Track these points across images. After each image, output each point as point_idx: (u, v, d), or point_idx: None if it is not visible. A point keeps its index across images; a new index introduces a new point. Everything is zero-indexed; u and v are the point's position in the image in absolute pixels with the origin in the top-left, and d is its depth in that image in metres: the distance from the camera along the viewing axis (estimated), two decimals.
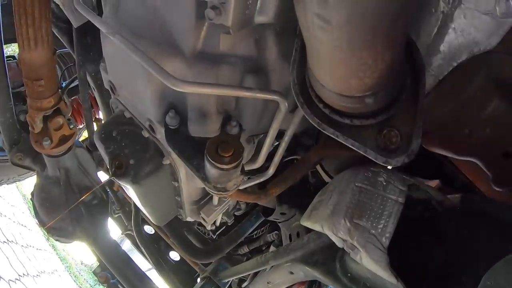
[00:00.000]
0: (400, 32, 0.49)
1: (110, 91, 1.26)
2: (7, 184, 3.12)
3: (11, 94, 1.67)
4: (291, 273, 1.53)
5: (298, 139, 1.56)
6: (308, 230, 1.65)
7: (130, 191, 1.30)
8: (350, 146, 0.66)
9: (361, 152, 0.66)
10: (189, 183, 1.25)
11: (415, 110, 0.68)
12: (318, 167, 1.31)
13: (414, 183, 1.03)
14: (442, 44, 0.96)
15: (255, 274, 2.02)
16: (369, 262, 0.94)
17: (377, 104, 0.61)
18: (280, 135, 1.06)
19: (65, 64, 2.96)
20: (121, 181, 1.19)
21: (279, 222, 1.74)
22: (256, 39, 0.87)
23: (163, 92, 0.96)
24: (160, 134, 1.07)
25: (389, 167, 0.64)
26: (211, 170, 0.83)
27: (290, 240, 1.72)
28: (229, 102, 0.96)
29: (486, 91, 1.08)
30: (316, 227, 1.04)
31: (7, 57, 2.59)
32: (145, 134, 1.17)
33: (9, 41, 2.20)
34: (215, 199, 1.33)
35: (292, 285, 1.96)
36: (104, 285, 2.19)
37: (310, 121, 0.67)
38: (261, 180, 1.13)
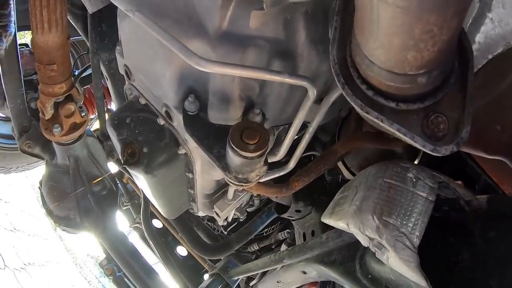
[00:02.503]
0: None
1: (125, 76, 1.21)
2: (16, 172, 3.09)
3: (22, 81, 1.65)
4: (304, 272, 1.48)
5: (315, 135, 1.50)
6: (324, 229, 1.59)
7: (141, 182, 1.25)
8: (395, 132, 0.60)
9: (407, 139, 0.59)
10: (204, 175, 1.19)
11: (463, 95, 0.62)
12: (340, 163, 1.24)
13: (444, 180, 0.97)
14: (478, 34, 0.91)
15: (264, 272, 1.97)
16: (398, 263, 0.88)
17: (429, 85, 0.55)
18: (300, 128, 1.01)
19: (78, 53, 2.92)
20: (133, 170, 1.13)
21: (293, 220, 1.68)
22: (286, 21, 0.81)
23: (182, 74, 0.91)
24: (177, 121, 1.02)
25: (434, 153, 0.57)
26: (233, 159, 0.77)
27: (304, 238, 1.66)
28: (253, 88, 0.90)
29: None
30: (340, 225, 0.97)
31: (20, 44, 2.57)
32: (161, 121, 1.12)
33: (22, 28, 2.17)
34: (230, 193, 1.27)
35: (303, 285, 1.91)
36: (110, 277, 2.15)
37: (352, 103, 0.61)
38: (281, 174, 1.07)
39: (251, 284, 2.07)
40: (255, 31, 0.81)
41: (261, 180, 0.94)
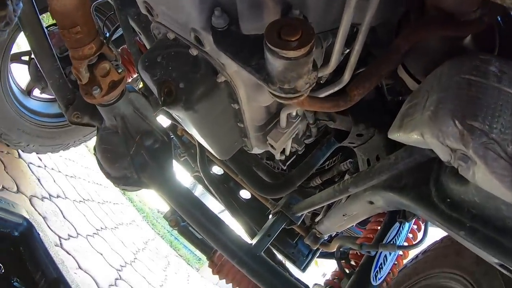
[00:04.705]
0: None
1: (149, 15, 1.11)
2: (74, 146, 3.18)
3: (55, 55, 1.63)
4: (371, 202, 1.36)
5: (369, 51, 1.33)
6: (390, 151, 1.45)
7: (188, 125, 1.17)
8: None
9: None
10: (250, 103, 1.08)
11: None
12: (402, 72, 1.07)
13: None
14: None
15: (329, 207, 1.88)
16: (487, 178, 0.71)
17: None
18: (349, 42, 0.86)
19: (105, 16, 2.86)
20: (173, 111, 1.05)
21: (355, 147, 1.55)
22: None
23: None
24: (209, 44, 0.90)
25: None
26: (274, 64, 0.64)
27: (369, 165, 1.53)
28: None
29: None
30: (413, 137, 0.83)
31: (50, 25, 2.55)
32: (193, 52, 1.01)
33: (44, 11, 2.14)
34: (283, 120, 1.15)
35: (370, 216, 1.80)
36: (175, 228, 2.17)
37: None
38: (336, 89, 0.93)
39: (316, 220, 2.00)
40: None
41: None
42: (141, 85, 3.22)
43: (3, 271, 1.63)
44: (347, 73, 0.89)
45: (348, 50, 1.10)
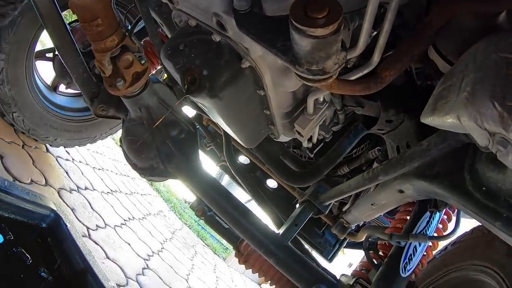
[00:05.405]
0: None
1: (169, 3, 1.10)
2: (101, 139, 3.22)
3: (78, 49, 1.65)
4: (401, 191, 1.31)
5: (397, 33, 1.28)
6: (421, 138, 1.39)
7: (213, 113, 1.16)
8: None
9: None
10: (277, 89, 1.05)
11: None
12: (432, 53, 1.01)
13: None
14: None
15: (356, 196, 1.84)
16: None
17: None
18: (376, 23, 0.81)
19: (126, 9, 2.87)
20: (198, 99, 1.03)
21: (384, 134, 1.50)
22: None
23: None
24: (232, 29, 0.88)
25: None
26: (301, 43, 0.61)
27: (398, 152, 1.48)
28: None
29: None
30: (448, 120, 0.78)
31: (73, 21, 2.57)
32: (216, 38, 0.99)
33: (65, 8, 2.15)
34: (310, 106, 1.12)
35: (399, 206, 1.76)
36: (201, 218, 2.16)
37: None
38: (365, 71, 0.89)
39: (343, 209, 1.96)
40: None
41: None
42: (165, 77, 3.23)
43: (30, 261, 1.67)
44: (376, 55, 0.85)
45: (375, 33, 1.06)
